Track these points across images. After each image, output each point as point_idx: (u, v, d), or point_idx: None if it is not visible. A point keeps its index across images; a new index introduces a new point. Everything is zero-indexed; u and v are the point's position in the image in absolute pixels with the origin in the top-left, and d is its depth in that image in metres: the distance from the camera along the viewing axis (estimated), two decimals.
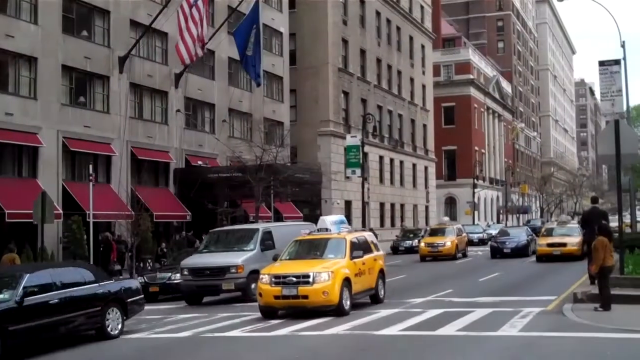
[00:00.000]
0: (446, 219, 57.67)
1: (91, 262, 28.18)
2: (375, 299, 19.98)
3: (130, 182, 36.52)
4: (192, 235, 37.91)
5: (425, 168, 73.91)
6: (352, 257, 18.53)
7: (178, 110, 40.67)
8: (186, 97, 41.61)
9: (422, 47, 74.70)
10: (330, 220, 20.99)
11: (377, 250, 21.04)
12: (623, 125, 21.07)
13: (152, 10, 37.91)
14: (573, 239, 33.78)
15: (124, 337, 16.21)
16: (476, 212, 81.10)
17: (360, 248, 19.37)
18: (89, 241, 30.85)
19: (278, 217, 42.89)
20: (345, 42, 56.53)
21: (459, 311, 17.35)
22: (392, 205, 64.37)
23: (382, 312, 18.07)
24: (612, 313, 15.59)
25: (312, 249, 19.61)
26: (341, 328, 15.68)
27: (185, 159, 41.42)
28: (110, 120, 36.11)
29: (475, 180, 79.95)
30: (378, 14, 63.10)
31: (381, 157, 62.02)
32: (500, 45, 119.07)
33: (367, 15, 60.75)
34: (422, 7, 75.25)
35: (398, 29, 67.76)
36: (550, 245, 34.38)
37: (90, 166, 31.37)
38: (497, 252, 39.30)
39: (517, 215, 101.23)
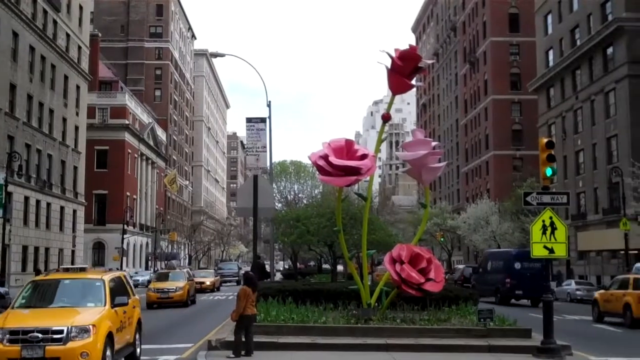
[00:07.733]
0: None
1: None
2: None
3: None
4: None
5: (74, 211, 71.82)
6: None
7: None
8: None
9: (78, 87, 73.14)
10: None
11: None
12: (262, 181, 22.63)
13: None
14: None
15: None
16: (125, 258, 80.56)
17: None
18: None
19: None
20: None
21: None
22: (37, 249, 61.47)
23: None
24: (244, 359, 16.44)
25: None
26: None
27: None
28: None
29: (126, 225, 79.47)
30: (32, 49, 60.66)
31: (27, 198, 59.11)
32: (158, 93, 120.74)
33: (20, 50, 58.04)
34: (79, 47, 73.83)
35: (53, 67, 65.70)
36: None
37: None
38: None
39: (166, 262, 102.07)
